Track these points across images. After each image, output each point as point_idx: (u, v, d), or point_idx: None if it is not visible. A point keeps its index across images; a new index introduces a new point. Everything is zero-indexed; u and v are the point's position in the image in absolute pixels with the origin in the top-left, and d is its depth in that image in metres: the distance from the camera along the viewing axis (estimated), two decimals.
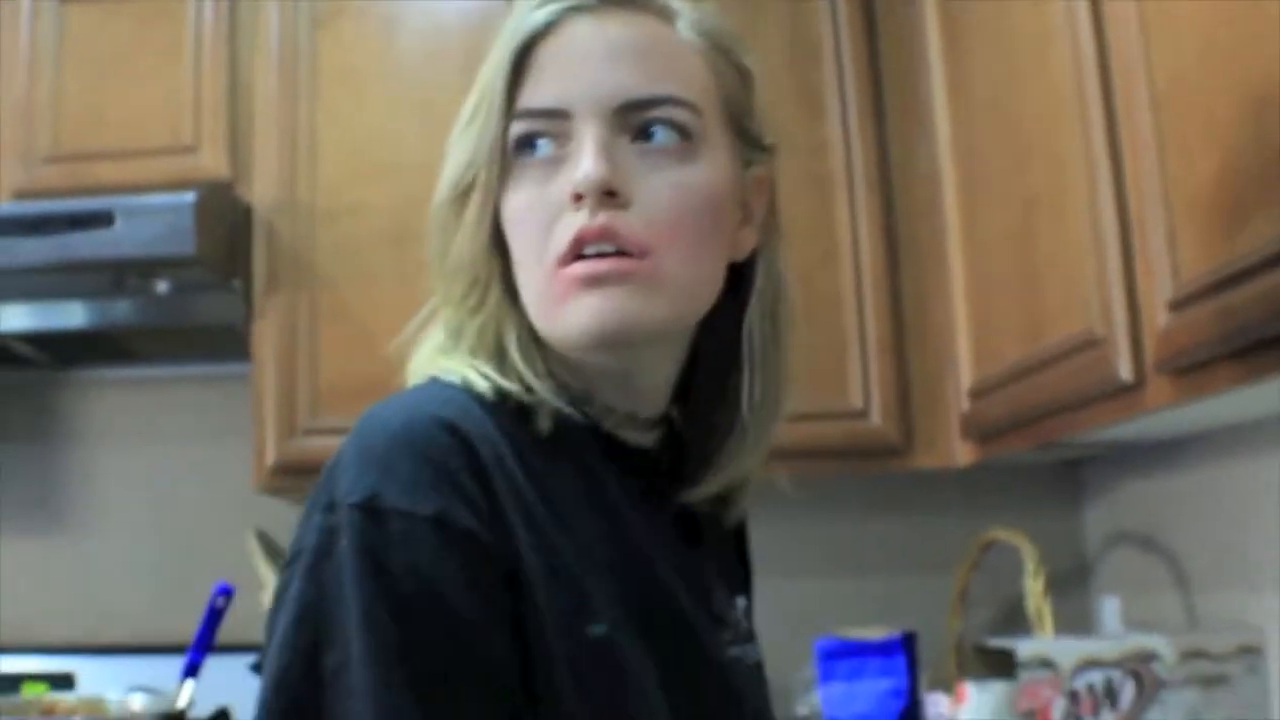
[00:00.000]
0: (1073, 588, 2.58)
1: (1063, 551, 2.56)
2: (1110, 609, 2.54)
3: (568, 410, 0.95)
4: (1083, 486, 2.69)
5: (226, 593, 2.35)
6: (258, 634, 2.77)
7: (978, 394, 2.17)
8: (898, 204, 2.45)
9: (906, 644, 2.22)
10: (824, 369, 2.37)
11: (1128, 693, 1.88)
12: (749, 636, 1.08)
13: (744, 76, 1.01)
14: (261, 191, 2.46)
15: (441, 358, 0.98)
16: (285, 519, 2.72)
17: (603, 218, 0.90)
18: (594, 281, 0.90)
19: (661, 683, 0.91)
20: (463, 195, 0.96)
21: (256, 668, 2.34)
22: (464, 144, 0.97)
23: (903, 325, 2.43)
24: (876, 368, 2.39)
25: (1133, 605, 2.46)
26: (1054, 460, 2.62)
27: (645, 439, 1.02)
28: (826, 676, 2.22)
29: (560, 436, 0.94)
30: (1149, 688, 1.89)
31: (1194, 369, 1.43)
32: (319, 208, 2.45)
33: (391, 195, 2.43)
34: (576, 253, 0.90)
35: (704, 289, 0.97)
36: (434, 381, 0.95)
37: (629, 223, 0.90)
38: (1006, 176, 1.97)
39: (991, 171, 2.05)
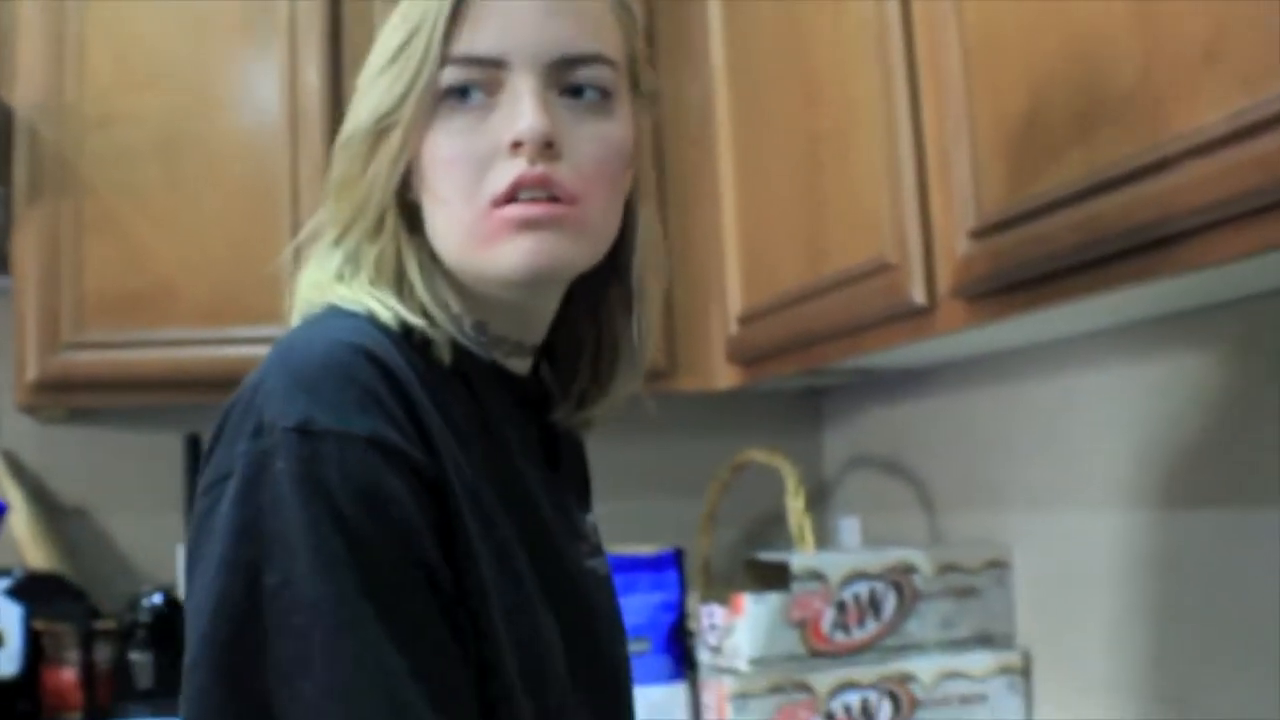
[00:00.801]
0: (812, 508, 2.54)
1: (805, 473, 2.52)
2: (849, 528, 2.53)
3: (465, 341, 0.94)
4: (823, 412, 2.67)
5: (1, 510, 2.10)
6: (6, 556, 2.50)
7: (747, 319, 2.08)
8: (667, 131, 2.27)
9: (678, 559, 2.14)
10: None
11: (889, 603, 1.85)
12: (598, 550, 1.07)
13: (638, 30, 1.01)
14: (24, 95, 2.11)
15: (340, 285, 0.93)
16: (40, 438, 2.47)
17: (541, 167, 0.89)
18: (529, 224, 0.89)
19: (540, 591, 0.92)
20: (384, 130, 0.92)
21: (11, 592, 2.12)
22: (389, 80, 0.92)
23: (669, 250, 2.30)
24: None
25: (872, 525, 2.45)
26: (801, 388, 2.59)
27: (523, 366, 1.01)
28: None
29: (457, 365, 0.92)
30: (908, 599, 1.86)
31: (990, 294, 1.36)
32: (86, 114, 2.12)
33: (161, 105, 2.14)
34: (512, 196, 0.89)
35: (614, 231, 0.97)
36: (336, 311, 0.91)
37: (562, 172, 0.90)
38: (791, 111, 1.84)
39: (774, 105, 1.91)
